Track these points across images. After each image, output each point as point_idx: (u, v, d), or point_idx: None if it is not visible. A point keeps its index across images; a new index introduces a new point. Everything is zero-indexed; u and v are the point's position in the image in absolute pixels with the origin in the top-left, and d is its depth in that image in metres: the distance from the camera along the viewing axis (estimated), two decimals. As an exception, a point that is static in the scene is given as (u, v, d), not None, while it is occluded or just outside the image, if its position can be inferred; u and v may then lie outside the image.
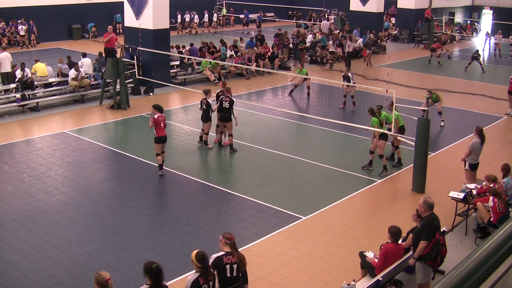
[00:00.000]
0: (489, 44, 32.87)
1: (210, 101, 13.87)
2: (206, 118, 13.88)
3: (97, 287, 5.53)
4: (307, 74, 19.50)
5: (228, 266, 6.24)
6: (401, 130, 13.14)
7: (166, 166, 12.47)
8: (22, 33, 28.41)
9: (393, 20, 38.11)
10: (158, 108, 12.16)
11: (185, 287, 5.91)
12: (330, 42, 26.63)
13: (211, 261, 6.26)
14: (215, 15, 37.56)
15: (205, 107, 13.83)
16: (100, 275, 5.54)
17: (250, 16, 37.95)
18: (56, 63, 19.63)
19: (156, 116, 11.97)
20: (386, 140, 12.65)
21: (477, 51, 26.26)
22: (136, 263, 8.55)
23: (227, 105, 13.74)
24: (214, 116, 14.11)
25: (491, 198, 9.16)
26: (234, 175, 12.94)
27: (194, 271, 6.05)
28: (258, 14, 38.06)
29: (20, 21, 28.33)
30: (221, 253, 6.33)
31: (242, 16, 37.61)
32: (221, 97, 13.90)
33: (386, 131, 12.73)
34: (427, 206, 7.44)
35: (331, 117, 16.12)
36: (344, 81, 18.25)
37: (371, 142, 13.07)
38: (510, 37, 33.08)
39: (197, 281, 5.84)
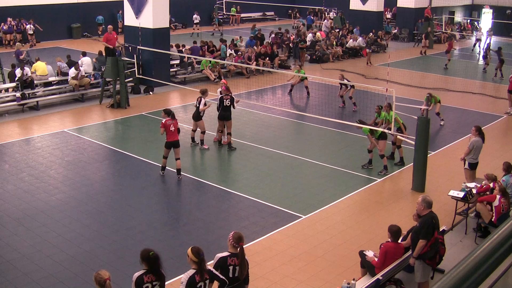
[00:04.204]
0: (490, 42, 32.90)
1: (204, 100, 13.85)
2: (197, 117, 13.89)
3: (96, 286, 5.54)
4: (302, 72, 19.63)
5: (231, 267, 6.23)
6: (401, 129, 13.16)
7: (166, 165, 12.42)
8: (30, 32, 28.62)
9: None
10: (167, 112, 11.92)
11: (180, 282, 5.89)
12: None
13: (215, 260, 6.24)
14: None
15: (198, 105, 13.88)
16: (99, 274, 5.55)
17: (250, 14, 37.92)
18: (56, 62, 19.62)
19: (163, 121, 11.82)
20: (385, 139, 12.66)
21: (499, 48, 25.68)
22: (136, 262, 8.50)
23: (228, 103, 13.77)
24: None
25: (498, 197, 9.11)
26: (233, 174, 12.94)
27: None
28: (310, 16, 37.99)
29: (8, 18, 28.43)
30: (226, 253, 6.29)
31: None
32: (221, 95, 13.91)
33: (386, 130, 12.76)
34: (426, 204, 7.44)
35: (331, 116, 16.13)
36: (341, 87, 18.34)
37: (369, 142, 13.06)
38: None
39: (193, 278, 5.82)
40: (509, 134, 16.81)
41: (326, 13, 39.35)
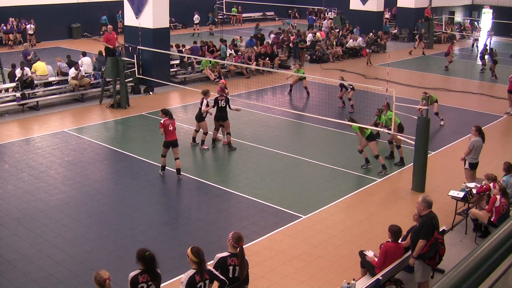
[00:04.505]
0: (490, 42, 32.94)
1: (206, 101, 13.85)
2: (199, 117, 13.90)
3: (96, 286, 5.55)
4: (301, 72, 19.65)
5: (231, 268, 6.23)
6: (399, 128, 13.16)
7: (166, 165, 12.44)
8: (30, 32, 28.62)
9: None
10: (164, 113, 12.01)
11: (180, 282, 5.90)
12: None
13: (215, 261, 6.24)
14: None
15: (200, 106, 13.91)
16: (99, 274, 5.56)
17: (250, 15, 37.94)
18: (56, 62, 19.62)
19: (162, 121, 11.88)
20: (374, 140, 12.66)
21: (492, 49, 25.77)
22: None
23: (223, 104, 13.85)
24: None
25: (498, 197, 9.12)
26: (233, 174, 12.94)
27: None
28: (311, 16, 38.09)
29: (15, 19, 28.44)
30: (226, 254, 6.28)
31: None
32: (216, 96, 13.97)
33: (385, 130, 12.76)
34: (426, 204, 7.44)
35: (330, 116, 16.13)
36: (341, 89, 18.28)
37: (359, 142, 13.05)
38: None
39: (193, 278, 5.82)
40: (509, 134, 16.81)
41: (326, 13, 39.32)
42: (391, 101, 13.43)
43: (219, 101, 13.87)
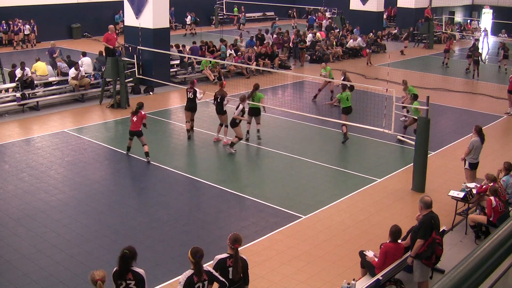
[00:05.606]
0: (487, 42, 32.95)
1: (241, 106, 13.79)
2: (233, 123, 13.93)
3: (92, 285, 5.59)
4: (330, 73, 18.99)
5: (230, 269, 6.24)
6: (346, 110, 14.59)
7: (166, 165, 12.53)
8: (26, 32, 28.59)
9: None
10: (138, 105, 13.14)
11: (178, 282, 5.90)
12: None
13: (214, 262, 6.24)
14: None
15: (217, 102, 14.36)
16: (93, 273, 5.58)
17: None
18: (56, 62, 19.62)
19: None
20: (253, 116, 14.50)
21: (474, 49, 25.91)
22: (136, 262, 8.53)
23: (191, 96, 14.62)
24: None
25: (492, 198, 9.15)
26: (233, 174, 12.93)
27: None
28: (312, 16, 38.13)
29: (16, 19, 28.43)
30: (225, 255, 6.30)
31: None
32: (186, 87, 14.90)
33: (384, 132, 12.76)
34: (422, 204, 7.49)
35: (330, 116, 16.12)
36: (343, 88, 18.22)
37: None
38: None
39: (191, 278, 5.83)
40: (509, 134, 16.81)
41: (323, 13, 39.27)
42: (391, 101, 13.45)
43: (188, 93, 14.63)
